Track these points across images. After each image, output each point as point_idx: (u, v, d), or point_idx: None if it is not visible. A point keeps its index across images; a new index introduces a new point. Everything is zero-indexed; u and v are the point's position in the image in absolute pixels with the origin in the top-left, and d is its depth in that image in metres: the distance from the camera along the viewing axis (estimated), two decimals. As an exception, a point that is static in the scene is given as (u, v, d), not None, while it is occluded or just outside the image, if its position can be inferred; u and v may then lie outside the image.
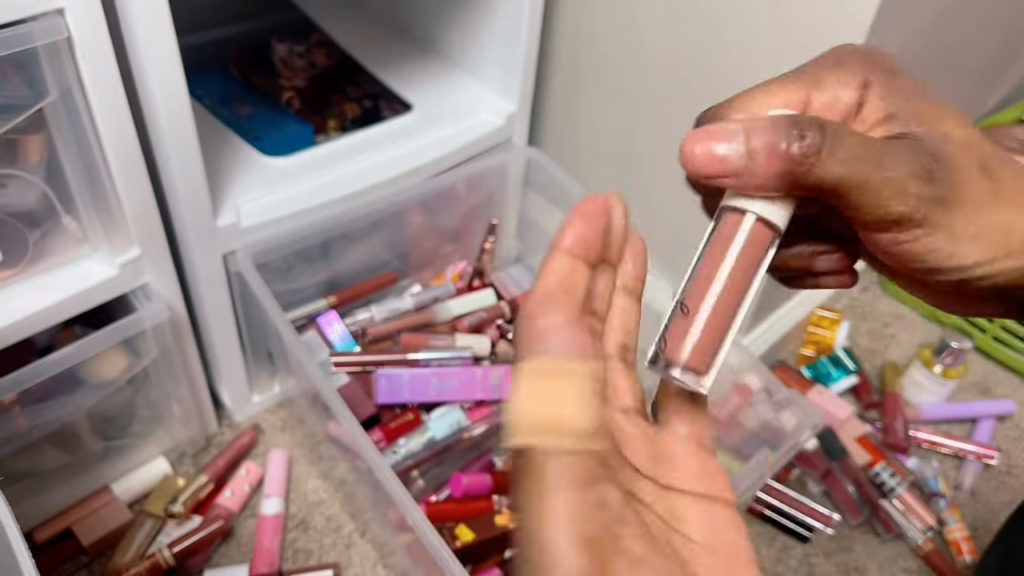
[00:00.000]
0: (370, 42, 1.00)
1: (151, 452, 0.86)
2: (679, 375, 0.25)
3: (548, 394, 0.20)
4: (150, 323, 0.72)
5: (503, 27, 0.87)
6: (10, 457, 0.72)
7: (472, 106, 0.91)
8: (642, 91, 0.88)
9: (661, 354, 0.25)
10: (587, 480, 0.20)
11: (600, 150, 0.98)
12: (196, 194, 0.70)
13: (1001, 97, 1.16)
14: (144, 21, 0.58)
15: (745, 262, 0.25)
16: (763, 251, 0.25)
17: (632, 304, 0.27)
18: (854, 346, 1.12)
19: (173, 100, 0.63)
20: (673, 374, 0.25)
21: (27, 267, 0.66)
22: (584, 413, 0.20)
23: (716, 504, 0.26)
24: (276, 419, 0.94)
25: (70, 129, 0.60)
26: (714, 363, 0.25)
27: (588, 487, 0.20)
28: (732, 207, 0.25)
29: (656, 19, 0.82)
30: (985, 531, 0.92)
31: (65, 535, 0.79)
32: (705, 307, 0.25)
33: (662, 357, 0.25)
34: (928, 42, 0.79)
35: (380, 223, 0.86)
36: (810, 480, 0.95)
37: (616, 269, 0.26)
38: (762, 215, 0.25)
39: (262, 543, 0.82)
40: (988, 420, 1.03)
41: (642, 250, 0.27)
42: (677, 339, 0.25)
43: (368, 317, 0.89)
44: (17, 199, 0.63)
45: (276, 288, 0.79)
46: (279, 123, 0.92)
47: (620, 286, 0.26)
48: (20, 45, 0.52)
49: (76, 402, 0.73)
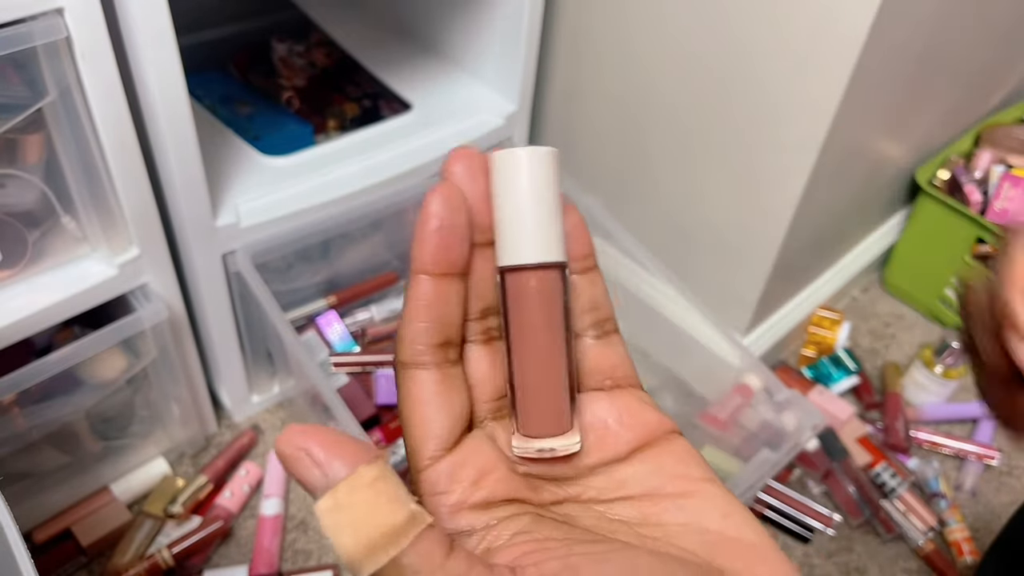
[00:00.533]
0: (370, 42, 1.00)
1: (150, 452, 0.86)
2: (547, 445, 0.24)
3: (348, 523, 0.20)
4: (149, 323, 0.72)
5: (503, 27, 0.87)
6: (9, 457, 0.72)
7: (472, 106, 0.91)
8: (642, 91, 0.88)
9: (521, 439, 0.24)
10: (438, 558, 0.20)
11: (600, 150, 0.98)
12: (195, 194, 0.69)
13: (1001, 97, 1.16)
14: (144, 21, 0.57)
15: (544, 314, 0.24)
16: (557, 292, 0.24)
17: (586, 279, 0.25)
18: (855, 346, 1.12)
19: (173, 100, 0.62)
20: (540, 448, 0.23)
21: (26, 267, 0.66)
22: (387, 512, 0.20)
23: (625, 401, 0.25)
24: (276, 419, 0.94)
25: (69, 129, 0.60)
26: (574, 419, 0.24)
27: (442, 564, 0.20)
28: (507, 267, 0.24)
29: (656, 19, 0.82)
30: (986, 531, 0.92)
31: (64, 535, 0.79)
32: (533, 373, 0.24)
33: (524, 441, 0.24)
34: (928, 42, 0.79)
35: (380, 223, 0.86)
36: (811, 480, 0.95)
37: None
38: (541, 261, 0.23)
39: (261, 544, 0.82)
40: (989, 420, 1.03)
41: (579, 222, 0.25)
42: (526, 417, 0.24)
43: (368, 317, 0.89)
44: (16, 199, 0.63)
45: (276, 288, 0.79)
46: (279, 123, 0.92)
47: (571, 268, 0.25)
48: (19, 45, 0.52)
49: (75, 402, 0.73)
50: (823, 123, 0.74)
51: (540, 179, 0.23)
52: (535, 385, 0.24)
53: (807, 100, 0.74)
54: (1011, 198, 1.04)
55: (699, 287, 0.94)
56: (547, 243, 0.23)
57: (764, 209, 0.84)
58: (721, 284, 0.94)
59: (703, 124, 0.84)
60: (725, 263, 0.92)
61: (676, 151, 0.89)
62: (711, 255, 0.93)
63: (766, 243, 0.86)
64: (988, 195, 1.07)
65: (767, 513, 0.90)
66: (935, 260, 1.11)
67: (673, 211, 0.94)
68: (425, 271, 0.22)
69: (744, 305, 0.93)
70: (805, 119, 0.75)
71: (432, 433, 0.23)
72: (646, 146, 0.92)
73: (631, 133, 0.92)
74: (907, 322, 1.17)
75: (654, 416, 0.25)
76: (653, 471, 0.24)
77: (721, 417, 0.85)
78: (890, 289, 1.21)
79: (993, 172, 1.08)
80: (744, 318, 0.94)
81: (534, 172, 0.23)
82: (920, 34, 0.76)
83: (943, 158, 1.10)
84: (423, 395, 0.23)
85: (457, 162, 0.23)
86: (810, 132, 0.75)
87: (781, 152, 0.79)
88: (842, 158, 0.82)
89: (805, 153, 0.77)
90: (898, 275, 1.18)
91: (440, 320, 0.23)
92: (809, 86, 0.73)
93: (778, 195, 0.81)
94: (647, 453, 0.25)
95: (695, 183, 0.89)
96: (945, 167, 1.09)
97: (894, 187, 1.09)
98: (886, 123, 0.88)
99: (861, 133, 0.82)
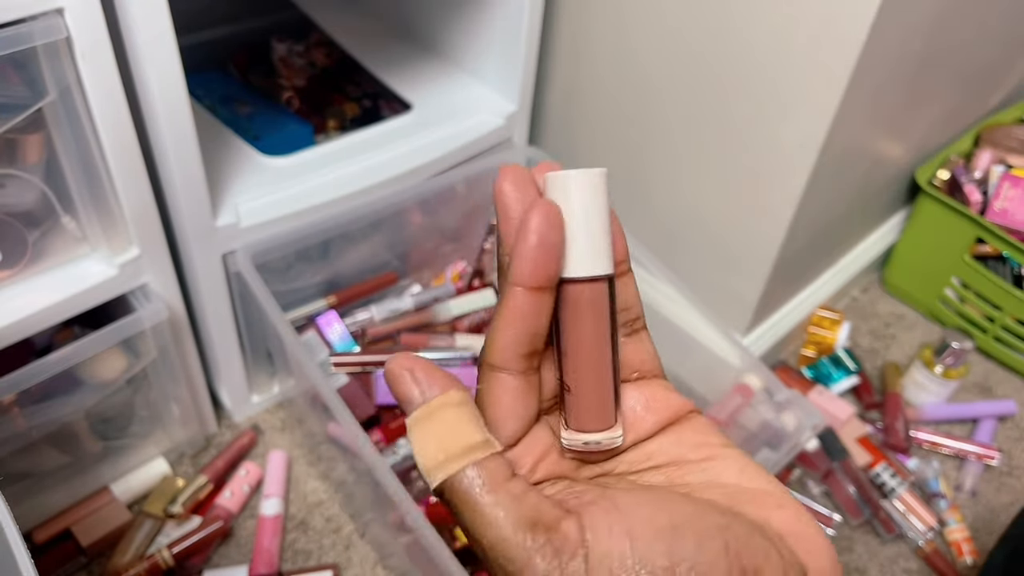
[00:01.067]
0: (370, 42, 1.00)
1: (150, 452, 0.86)
2: (594, 439, 0.26)
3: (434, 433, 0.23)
4: (149, 323, 0.72)
5: (503, 27, 0.87)
6: (9, 457, 0.72)
7: (472, 106, 0.91)
8: (642, 91, 0.88)
9: (570, 433, 0.26)
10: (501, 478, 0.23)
11: (600, 150, 0.98)
12: (195, 194, 0.69)
13: (1001, 97, 1.16)
14: (144, 21, 0.57)
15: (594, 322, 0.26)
16: (605, 302, 0.26)
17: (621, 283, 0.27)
18: (855, 346, 1.12)
19: (173, 100, 0.62)
20: (587, 441, 0.26)
21: (26, 267, 0.66)
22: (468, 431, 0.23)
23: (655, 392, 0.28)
24: (275, 419, 0.94)
25: (69, 129, 0.60)
26: (617, 414, 0.27)
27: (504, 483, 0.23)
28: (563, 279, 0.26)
29: (656, 20, 0.82)
30: (986, 532, 0.92)
31: (64, 536, 0.79)
32: (584, 376, 0.26)
33: (573, 434, 0.26)
34: (928, 42, 0.79)
35: (380, 223, 0.86)
36: (811, 480, 0.95)
37: None
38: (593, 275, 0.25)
39: (261, 544, 0.82)
40: (989, 420, 1.03)
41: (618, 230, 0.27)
42: (576, 414, 0.26)
43: (368, 317, 0.89)
44: (16, 199, 0.63)
45: (276, 288, 0.79)
46: (279, 123, 0.92)
47: None
48: (19, 45, 0.52)
49: (75, 402, 0.73)
50: (823, 123, 0.74)
51: (591, 199, 0.25)
52: (585, 386, 0.26)
53: (807, 100, 0.74)
54: (1011, 198, 1.04)
55: (699, 287, 0.94)
56: (598, 258, 0.25)
57: (764, 209, 0.84)
58: (721, 284, 0.94)
59: (703, 124, 0.84)
60: (725, 263, 0.92)
61: (676, 151, 0.89)
62: (711, 255, 0.93)
63: (766, 243, 0.86)
64: (988, 195, 1.07)
65: (767, 513, 0.90)
66: (935, 260, 1.11)
67: (673, 211, 0.94)
68: (523, 284, 0.24)
69: (744, 305, 0.93)
70: (805, 119, 0.75)
71: (504, 432, 0.26)
72: (646, 146, 0.92)
73: (631, 133, 0.92)
74: (907, 322, 1.17)
75: (676, 400, 0.27)
76: (676, 443, 0.27)
77: (721, 417, 0.85)
78: (890, 289, 1.21)
79: (993, 172, 1.08)
80: (744, 318, 0.94)
81: (585, 192, 0.25)
82: (920, 34, 0.76)
83: (943, 158, 1.10)
84: (503, 398, 0.25)
85: (505, 179, 0.25)
86: (810, 132, 0.75)
87: (781, 152, 0.79)
88: (842, 158, 0.82)
89: (805, 153, 0.77)
90: (898, 275, 1.18)
91: (530, 332, 0.25)
92: (809, 86, 0.73)
93: (778, 195, 0.81)
94: (671, 430, 0.27)
95: (695, 183, 0.89)
96: (945, 167, 1.09)
97: (894, 187, 1.09)
98: (886, 123, 0.88)
99: (861, 133, 0.82)
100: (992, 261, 1.08)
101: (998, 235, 1.02)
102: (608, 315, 0.26)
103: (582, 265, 0.25)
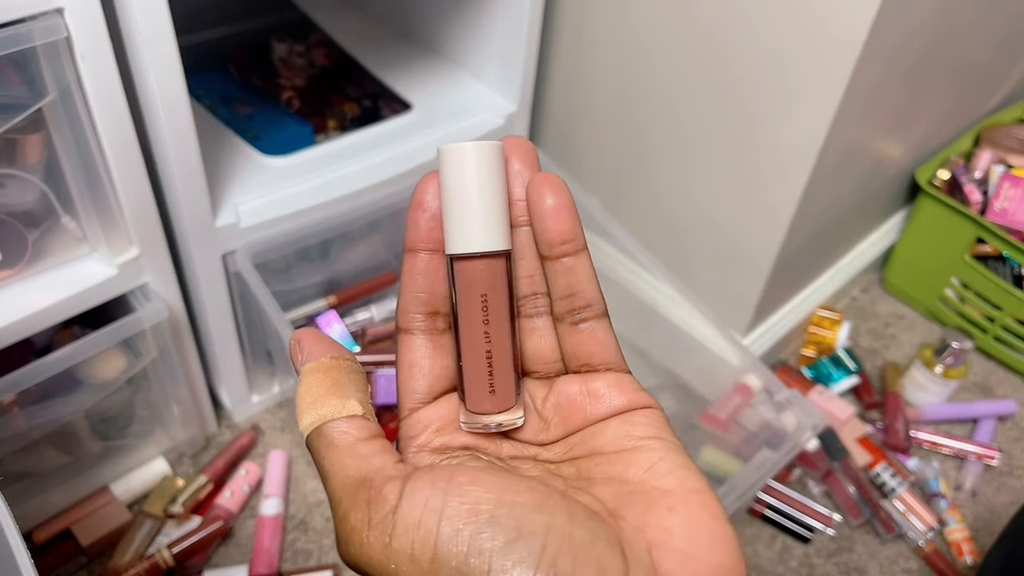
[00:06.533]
0: (370, 42, 1.00)
1: (150, 452, 0.86)
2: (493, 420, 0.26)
3: (301, 394, 0.25)
4: (149, 323, 0.72)
5: (503, 27, 0.87)
6: (9, 457, 0.72)
7: (472, 106, 0.91)
8: (642, 91, 0.88)
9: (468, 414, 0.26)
10: (350, 439, 0.24)
11: (600, 150, 0.98)
12: (195, 194, 0.69)
13: (1001, 97, 1.16)
14: (144, 21, 0.57)
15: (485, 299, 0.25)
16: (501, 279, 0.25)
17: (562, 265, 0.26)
18: (855, 346, 1.12)
19: (173, 100, 0.62)
20: (487, 422, 0.26)
21: (26, 267, 0.66)
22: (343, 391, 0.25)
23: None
24: (276, 419, 0.94)
25: (69, 129, 0.60)
26: (517, 394, 0.26)
27: (354, 443, 0.24)
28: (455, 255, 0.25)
29: (656, 20, 0.82)
30: (986, 532, 0.92)
31: (64, 536, 0.79)
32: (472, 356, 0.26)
33: (470, 416, 0.26)
34: (928, 42, 0.79)
35: (380, 223, 0.86)
36: (811, 480, 0.95)
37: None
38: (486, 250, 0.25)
39: (261, 544, 0.82)
40: (989, 420, 1.03)
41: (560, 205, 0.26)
42: (472, 395, 0.26)
43: (368, 317, 0.89)
44: (16, 199, 0.63)
45: (275, 288, 0.79)
46: (279, 123, 0.92)
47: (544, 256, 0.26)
48: (19, 45, 0.52)
49: (75, 402, 0.73)
50: (823, 123, 0.74)
51: (486, 172, 0.25)
52: (473, 366, 0.26)
53: (807, 100, 0.74)
54: (1011, 198, 1.04)
55: (699, 287, 0.94)
56: (490, 233, 0.25)
57: (764, 209, 0.84)
58: (721, 284, 0.94)
59: (703, 124, 0.84)
60: (725, 263, 0.92)
61: (676, 151, 0.89)
62: (711, 255, 0.93)
63: (766, 243, 0.86)
64: (988, 195, 1.07)
65: (767, 513, 0.90)
66: (935, 260, 1.11)
67: (673, 211, 0.94)
68: (408, 247, 0.27)
69: (744, 305, 0.93)
70: (805, 119, 0.75)
71: (413, 389, 0.27)
72: (646, 146, 0.92)
73: (631, 133, 0.92)
74: (907, 322, 1.17)
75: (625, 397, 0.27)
76: (598, 435, 0.26)
77: (721, 417, 0.85)
78: (890, 289, 1.21)
79: (993, 172, 1.08)
80: (744, 318, 0.94)
81: (480, 165, 0.25)
82: (920, 34, 0.76)
83: (943, 158, 1.10)
84: (408, 357, 0.27)
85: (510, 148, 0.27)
86: (810, 132, 0.75)
87: (781, 152, 0.79)
88: (842, 158, 0.82)
89: (805, 153, 0.77)
90: (898, 275, 1.18)
91: (425, 291, 0.26)
92: (809, 86, 0.73)
93: (778, 194, 0.81)
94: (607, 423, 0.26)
95: (695, 183, 0.89)
96: (945, 167, 1.09)
97: (894, 187, 1.09)
98: (886, 123, 0.88)
99: (861, 133, 0.82)
100: (992, 261, 1.08)
101: (998, 235, 1.02)
102: (506, 293, 0.25)
103: (473, 240, 0.25)
